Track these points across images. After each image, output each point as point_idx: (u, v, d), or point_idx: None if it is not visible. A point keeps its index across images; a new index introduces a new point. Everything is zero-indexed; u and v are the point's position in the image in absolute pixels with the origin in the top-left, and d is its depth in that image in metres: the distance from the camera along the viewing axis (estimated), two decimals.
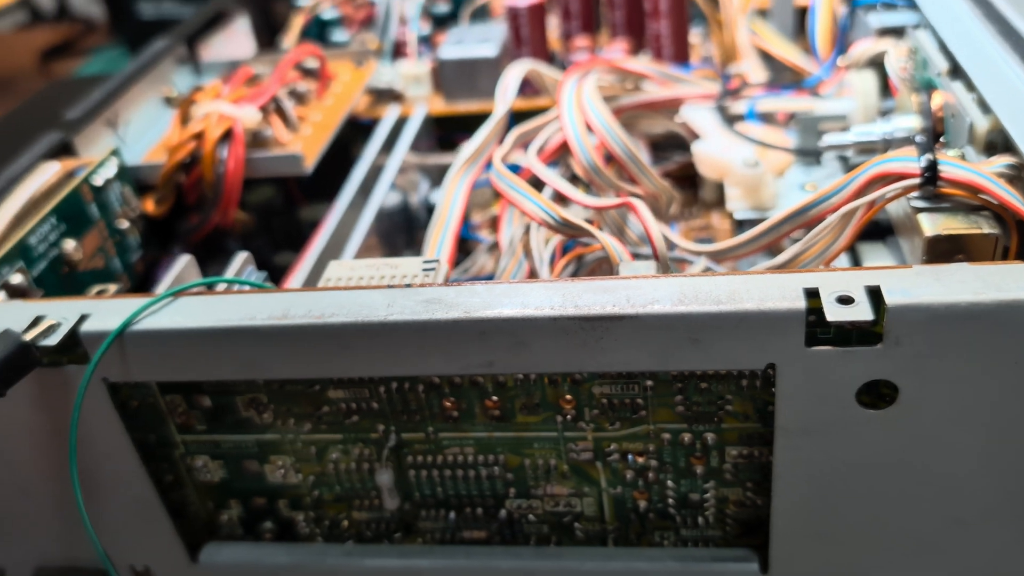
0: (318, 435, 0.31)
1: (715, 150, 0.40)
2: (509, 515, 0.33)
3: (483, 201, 0.50)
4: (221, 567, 0.34)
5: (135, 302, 0.29)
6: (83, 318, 0.29)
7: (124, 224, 0.41)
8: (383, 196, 0.44)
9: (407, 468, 0.32)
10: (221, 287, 0.30)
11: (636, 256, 0.34)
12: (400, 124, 0.50)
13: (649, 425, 0.29)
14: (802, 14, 0.55)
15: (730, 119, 0.44)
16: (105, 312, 0.29)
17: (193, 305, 0.28)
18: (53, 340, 0.28)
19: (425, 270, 0.30)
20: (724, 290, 0.25)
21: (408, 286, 0.27)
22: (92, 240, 0.39)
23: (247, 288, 0.30)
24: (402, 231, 0.45)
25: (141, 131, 0.46)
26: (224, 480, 0.33)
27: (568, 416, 0.30)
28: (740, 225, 0.40)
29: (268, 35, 0.62)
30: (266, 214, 0.46)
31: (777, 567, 0.30)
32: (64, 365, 0.29)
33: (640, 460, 0.30)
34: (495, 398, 0.30)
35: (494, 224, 0.45)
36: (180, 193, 0.42)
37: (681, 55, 0.51)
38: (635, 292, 0.26)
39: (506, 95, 0.41)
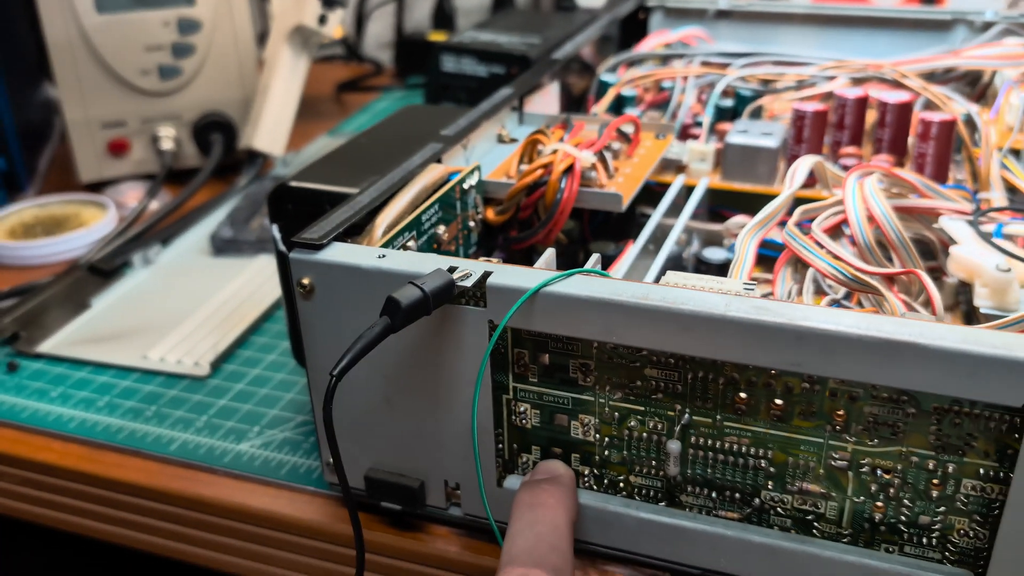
0: (625, 404, 0.40)
1: (971, 254, 0.47)
2: (761, 504, 0.40)
3: None
4: None
5: (529, 271, 0.38)
6: (487, 273, 0.39)
7: (471, 224, 0.52)
8: (670, 248, 0.53)
9: (688, 447, 0.40)
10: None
11: None
12: (683, 191, 0.59)
13: (902, 447, 0.36)
14: None
15: (982, 234, 0.50)
16: (500, 272, 0.39)
17: (573, 281, 0.38)
18: (469, 283, 0.38)
19: (746, 288, 0.38)
20: (1000, 340, 0.32)
21: (739, 295, 0.36)
22: (452, 230, 0.50)
23: (599, 277, 0.39)
24: None
25: (478, 156, 0.57)
26: (535, 427, 0.42)
27: (836, 427, 0.37)
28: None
29: (567, 100, 0.73)
30: (564, 242, 0.56)
31: None
32: (463, 305, 0.39)
33: (886, 476, 0.37)
34: (780, 402, 0.37)
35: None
36: (516, 209, 0.53)
37: (941, 175, 0.58)
38: (927, 330, 0.33)
39: (794, 178, 0.50)
